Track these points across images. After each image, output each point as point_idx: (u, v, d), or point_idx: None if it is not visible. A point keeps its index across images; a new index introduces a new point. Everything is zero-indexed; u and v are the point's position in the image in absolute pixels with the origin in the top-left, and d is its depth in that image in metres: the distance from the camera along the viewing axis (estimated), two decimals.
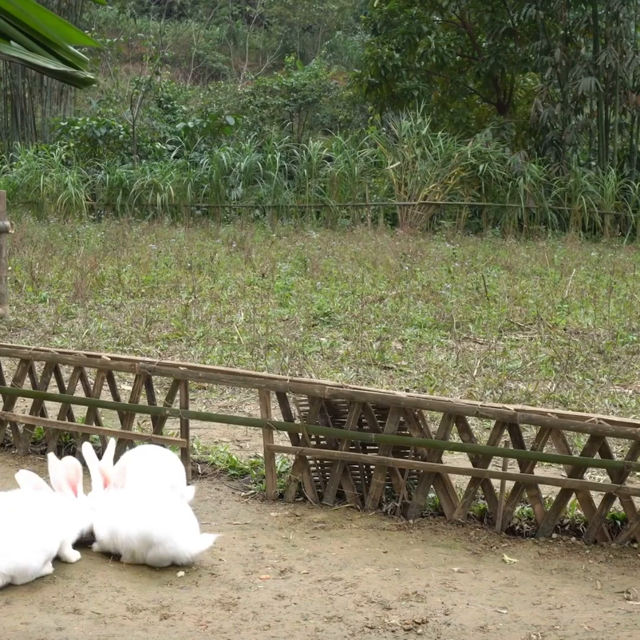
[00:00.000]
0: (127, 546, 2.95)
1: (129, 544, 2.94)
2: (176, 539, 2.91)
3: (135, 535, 2.91)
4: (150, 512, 2.94)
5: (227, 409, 4.95)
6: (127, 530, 2.93)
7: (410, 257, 11.39)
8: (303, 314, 7.61)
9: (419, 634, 2.56)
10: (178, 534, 2.91)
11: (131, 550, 2.94)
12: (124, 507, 3.00)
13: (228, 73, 27.20)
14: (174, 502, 3.04)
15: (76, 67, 1.91)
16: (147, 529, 2.89)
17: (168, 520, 2.93)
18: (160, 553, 2.91)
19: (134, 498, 3.03)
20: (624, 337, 6.81)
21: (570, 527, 3.33)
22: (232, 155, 17.16)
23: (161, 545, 2.90)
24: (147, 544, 2.90)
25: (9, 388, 4.20)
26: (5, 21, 1.80)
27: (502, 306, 8.07)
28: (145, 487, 3.11)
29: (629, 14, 16.79)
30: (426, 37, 18.23)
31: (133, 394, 3.89)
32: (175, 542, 2.91)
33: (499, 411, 3.28)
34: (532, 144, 17.56)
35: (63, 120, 18.80)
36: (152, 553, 2.91)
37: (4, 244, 7.60)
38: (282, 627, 2.58)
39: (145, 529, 2.89)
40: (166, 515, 2.94)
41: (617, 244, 14.76)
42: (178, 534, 2.91)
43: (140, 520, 2.92)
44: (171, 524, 2.92)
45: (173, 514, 2.97)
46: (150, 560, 2.93)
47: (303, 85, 21.22)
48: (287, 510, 3.48)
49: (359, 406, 3.46)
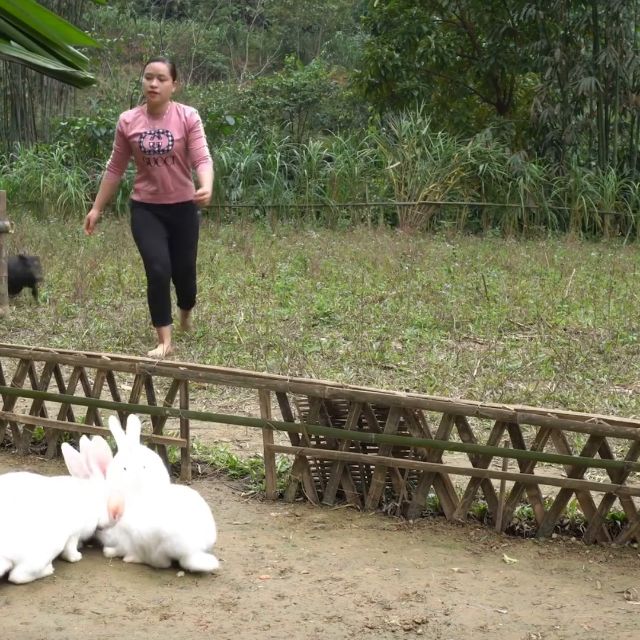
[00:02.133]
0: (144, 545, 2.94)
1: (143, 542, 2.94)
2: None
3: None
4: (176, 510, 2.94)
5: (227, 409, 4.95)
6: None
7: (410, 257, 11.39)
8: (303, 314, 7.61)
9: (419, 634, 2.56)
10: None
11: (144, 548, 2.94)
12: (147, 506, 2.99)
13: (228, 73, 27.19)
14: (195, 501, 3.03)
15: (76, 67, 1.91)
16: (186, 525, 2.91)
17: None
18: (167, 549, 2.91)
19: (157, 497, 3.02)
20: (624, 337, 6.81)
21: (570, 527, 3.33)
22: (232, 155, 17.15)
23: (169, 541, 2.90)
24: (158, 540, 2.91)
25: (9, 388, 4.20)
26: (5, 21, 1.80)
27: (502, 306, 8.07)
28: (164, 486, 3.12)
29: (629, 14, 16.78)
30: (426, 37, 18.22)
31: (133, 394, 3.89)
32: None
33: (499, 411, 3.28)
34: (532, 144, 17.55)
35: (63, 120, 18.78)
36: (160, 548, 2.91)
37: (4, 244, 7.60)
38: (282, 627, 2.58)
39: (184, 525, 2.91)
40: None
41: (617, 244, 14.76)
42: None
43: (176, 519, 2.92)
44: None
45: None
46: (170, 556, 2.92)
47: (303, 85, 21.21)
48: (287, 510, 3.48)
49: (359, 406, 3.46)
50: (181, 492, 3.09)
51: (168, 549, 2.90)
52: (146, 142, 6.13)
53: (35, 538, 2.82)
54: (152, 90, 6.03)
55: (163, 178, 6.18)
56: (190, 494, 3.06)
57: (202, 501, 3.04)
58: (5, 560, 2.77)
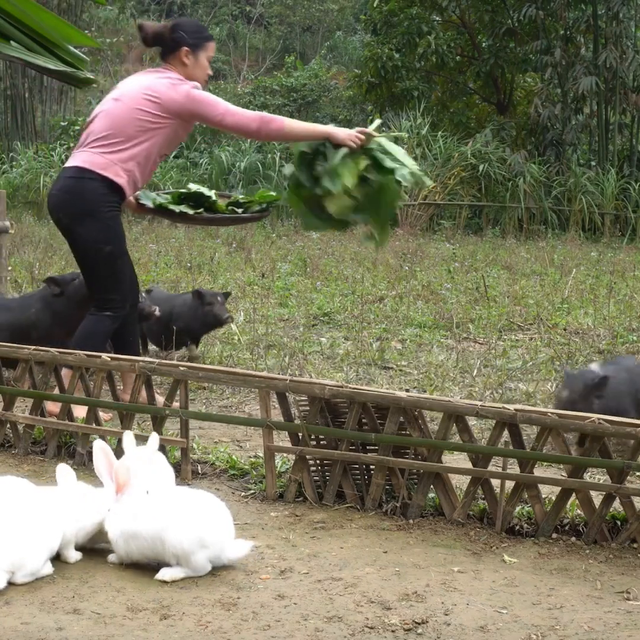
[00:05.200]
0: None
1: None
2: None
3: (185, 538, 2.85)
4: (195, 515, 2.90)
5: (227, 409, 4.95)
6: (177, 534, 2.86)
7: (410, 257, 11.39)
8: (303, 314, 7.61)
9: (419, 634, 2.56)
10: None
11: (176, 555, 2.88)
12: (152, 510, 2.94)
13: (228, 73, 27.17)
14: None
15: (76, 67, 1.91)
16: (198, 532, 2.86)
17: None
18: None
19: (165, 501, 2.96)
20: (624, 337, 6.81)
21: (570, 527, 3.32)
22: (232, 155, 17.16)
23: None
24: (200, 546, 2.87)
25: (9, 388, 4.20)
26: (5, 21, 1.80)
27: (502, 306, 8.07)
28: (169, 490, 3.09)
29: (629, 14, 16.77)
30: (426, 37, 18.21)
31: (133, 394, 3.89)
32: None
33: (499, 411, 3.28)
34: (532, 144, 17.55)
35: (63, 120, 18.78)
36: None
37: (4, 244, 7.59)
38: (282, 627, 2.58)
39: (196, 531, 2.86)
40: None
41: (617, 244, 14.76)
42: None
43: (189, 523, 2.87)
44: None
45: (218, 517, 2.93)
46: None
47: (303, 85, 21.22)
48: (287, 510, 3.48)
49: (359, 406, 3.46)
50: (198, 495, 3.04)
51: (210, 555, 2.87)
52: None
53: (30, 541, 2.81)
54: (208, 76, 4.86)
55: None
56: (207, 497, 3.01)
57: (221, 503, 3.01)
58: (4, 573, 2.77)
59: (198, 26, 4.88)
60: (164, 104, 4.60)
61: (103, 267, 4.68)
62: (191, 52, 4.68)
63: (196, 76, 4.72)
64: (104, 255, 4.63)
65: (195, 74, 4.72)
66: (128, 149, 4.60)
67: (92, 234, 4.61)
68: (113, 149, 4.60)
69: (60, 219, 4.73)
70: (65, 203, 4.65)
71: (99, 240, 4.61)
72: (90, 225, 4.60)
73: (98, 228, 4.60)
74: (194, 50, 4.68)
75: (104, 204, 4.60)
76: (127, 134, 4.60)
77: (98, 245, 4.62)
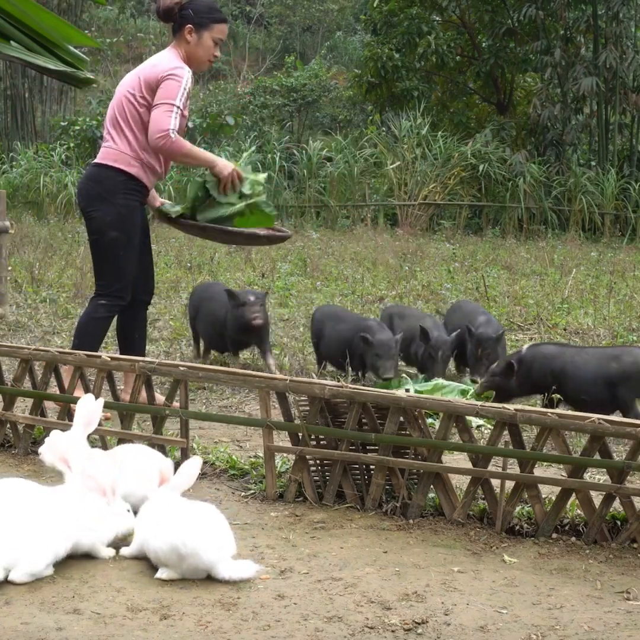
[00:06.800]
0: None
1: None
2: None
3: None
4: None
5: (227, 409, 4.95)
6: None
7: (410, 257, 11.39)
8: (303, 314, 7.61)
9: (419, 634, 2.56)
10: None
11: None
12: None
13: (228, 73, 27.15)
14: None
15: (76, 67, 1.91)
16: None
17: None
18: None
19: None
20: (624, 337, 6.81)
21: (570, 527, 3.32)
22: (231, 155, 17.15)
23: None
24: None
25: (9, 388, 4.20)
26: (5, 21, 1.80)
27: (502, 306, 8.07)
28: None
29: (629, 14, 16.77)
30: (426, 37, 18.21)
31: (133, 394, 3.89)
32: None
33: (498, 411, 3.28)
34: (532, 144, 17.55)
35: (63, 120, 18.78)
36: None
37: (4, 244, 7.60)
38: (282, 627, 2.58)
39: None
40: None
41: (617, 244, 14.76)
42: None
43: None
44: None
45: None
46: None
47: (303, 85, 21.20)
48: (287, 510, 3.48)
49: (359, 406, 3.46)
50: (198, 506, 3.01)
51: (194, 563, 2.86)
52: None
53: (32, 542, 2.81)
54: (214, 59, 4.74)
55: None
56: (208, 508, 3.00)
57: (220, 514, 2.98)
58: (1, 569, 2.78)
59: (209, 7, 4.73)
60: (143, 81, 4.58)
61: (104, 252, 4.70)
62: (195, 31, 4.62)
63: (198, 55, 4.66)
64: (107, 240, 4.66)
65: (197, 53, 4.66)
66: (129, 135, 4.62)
67: (103, 217, 4.66)
68: (117, 139, 4.63)
69: (79, 203, 4.97)
70: (86, 187, 4.79)
71: (107, 224, 4.65)
72: (103, 209, 4.65)
73: (109, 212, 4.64)
74: (198, 29, 4.62)
75: (119, 191, 4.63)
76: (124, 119, 4.62)
77: (104, 229, 4.66)
